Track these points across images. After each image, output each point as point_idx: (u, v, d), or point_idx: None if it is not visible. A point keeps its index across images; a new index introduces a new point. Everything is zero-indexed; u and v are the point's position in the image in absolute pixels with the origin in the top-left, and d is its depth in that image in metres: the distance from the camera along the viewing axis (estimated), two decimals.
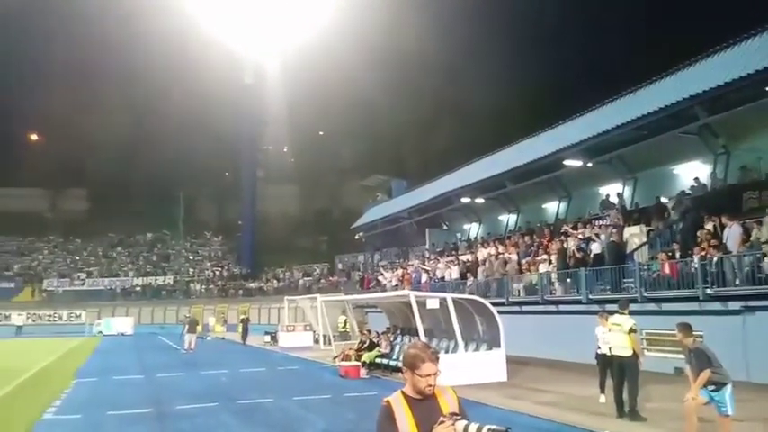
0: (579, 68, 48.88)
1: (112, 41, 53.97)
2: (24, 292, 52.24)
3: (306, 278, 47.38)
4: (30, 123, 69.67)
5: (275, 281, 49.33)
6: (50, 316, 46.17)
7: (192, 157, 57.79)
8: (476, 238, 27.32)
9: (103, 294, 51.73)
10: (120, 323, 40.63)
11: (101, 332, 39.02)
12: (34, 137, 73.70)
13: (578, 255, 16.61)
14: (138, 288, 52.96)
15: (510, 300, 18.92)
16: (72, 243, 61.64)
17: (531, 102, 47.56)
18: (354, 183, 51.44)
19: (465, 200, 25.93)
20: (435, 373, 2.82)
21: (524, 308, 18.59)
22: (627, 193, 19.73)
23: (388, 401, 2.82)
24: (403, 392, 2.87)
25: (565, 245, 17.52)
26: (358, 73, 49.75)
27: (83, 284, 53.80)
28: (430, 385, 2.80)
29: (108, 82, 55.91)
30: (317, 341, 26.11)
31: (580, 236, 17.37)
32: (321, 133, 67.89)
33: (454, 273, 22.83)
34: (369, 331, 18.70)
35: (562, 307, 17.12)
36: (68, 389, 13.84)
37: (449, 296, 14.38)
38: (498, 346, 13.89)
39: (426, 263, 26.36)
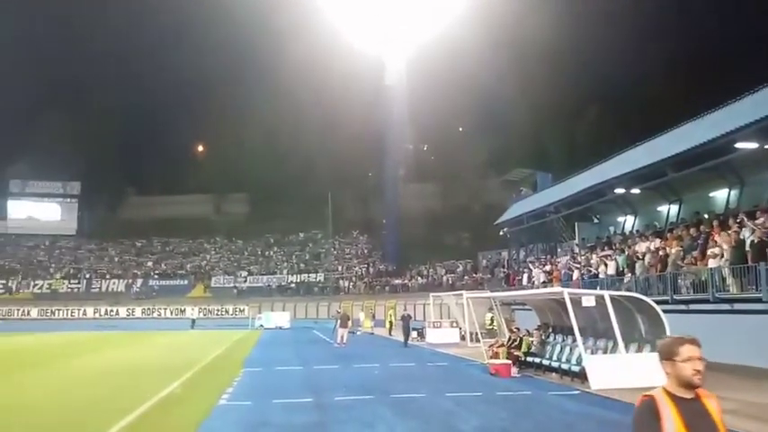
0: (741, 42, 43.90)
1: (261, 57, 58.33)
2: (196, 289, 58.06)
3: (449, 275, 47.47)
4: (195, 136, 77.52)
5: (419, 277, 50.00)
6: (218, 310, 50.74)
7: (339, 159, 60.47)
8: (631, 231, 25.51)
9: (262, 291, 55.95)
10: (278, 317, 43.33)
11: (262, 326, 41.92)
12: (200, 148, 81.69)
13: (758, 247, 14.80)
14: (292, 285, 56.56)
15: (675, 298, 17.41)
16: (234, 244, 67.31)
17: (686, 82, 43.63)
18: (496, 178, 50.56)
19: (619, 191, 24.27)
20: (700, 358, 2.55)
21: (691, 306, 16.99)
22: None
23: (651, 396, 2.55)
24: (665, 389, 2.58)
25: (741, 236, 15.71)
26: (496, 66, 48.92)
27: (245, 282, 58.59)
28: (697, 371, 2.51)
29: (260, 94, 60.33)
30: (463, 338, 26.02)
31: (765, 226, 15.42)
32: (461, 129, 67.68)
33: (609, 269, 21.51)
34: (518, 329, 18.23)
35: (737, 306, 15.37)
36: (238, 377, 14.96)
37: (606, 293, 13.54)
38: None
39: (577, 258, 25.13)
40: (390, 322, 34.20)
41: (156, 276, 60.55)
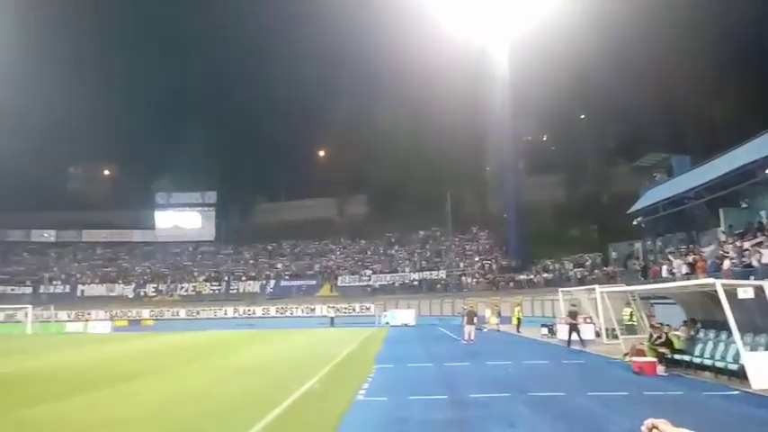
0: None
1: (374, 62, 59.46)
2: (324, 288, 60.33)
3: (577, 269, 45.49)
4: (316, 142, 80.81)
5: (545, 272, 48.40)
6: (346, 308, 52.38)
7: (456, 156, 60.01)
8: None
9: (386, 289, 57.00)
10: (404, 315, 43.88)
11: (388, 323, 42.72)
12: (321, 153, 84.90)
13: None
14: (415, 282, 57.03)
15: None
16: (358, 244, 69.18)
17: None
18: (624, 164, 47.63)
19: None
20: None
21: None
22: None
23: None
24: None
25: None
26: (618, 47, 45.91)
27: (369, 280, 60.01)
28: None
29: (374, 98, 61.53)
30: (598, 334, 24.82)
31: None
32: (582, 117, 64.61)
33: (763, 257, 19.46)
34: (661, 324, 17.02)
35: None
36: (371, 374, 15.28)
37: (767, 283, 12.24)
38: None
39: (725, 247, 23.02)
40: (518, 318, 33.43)
41: (287, 277, 63.73)
